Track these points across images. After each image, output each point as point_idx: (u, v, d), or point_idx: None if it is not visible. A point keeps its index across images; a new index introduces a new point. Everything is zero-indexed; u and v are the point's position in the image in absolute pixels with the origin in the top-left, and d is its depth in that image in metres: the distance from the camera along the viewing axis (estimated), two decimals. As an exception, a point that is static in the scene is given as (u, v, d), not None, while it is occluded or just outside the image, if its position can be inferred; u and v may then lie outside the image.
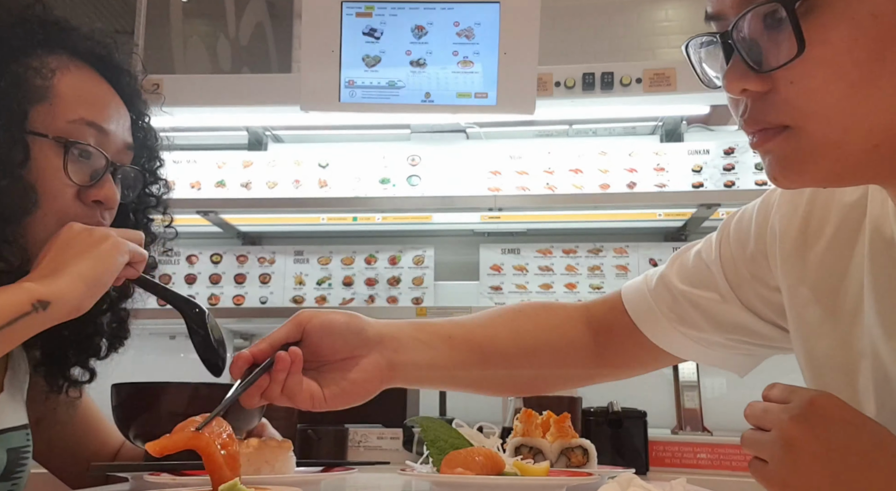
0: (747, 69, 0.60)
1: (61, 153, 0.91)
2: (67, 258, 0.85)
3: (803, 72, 0.58)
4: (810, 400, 0.60)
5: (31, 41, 0.93)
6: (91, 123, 0.94)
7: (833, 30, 0.56)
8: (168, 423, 1.00)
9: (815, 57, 0.57)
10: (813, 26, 0.56)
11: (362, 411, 0.91)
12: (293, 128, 2.66)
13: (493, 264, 2.53)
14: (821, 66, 0.57)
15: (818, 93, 0.58)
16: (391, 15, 2.10)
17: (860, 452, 0.58)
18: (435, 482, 0.94)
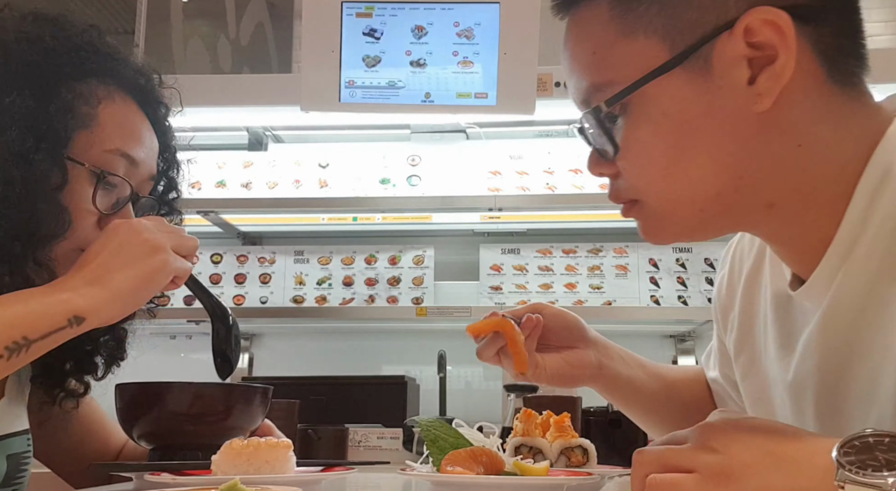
0: (599, 157, 0.75)
1: (93, 182, 0.92)
2: (115, 267, 0.84)
3: (628, 161, 0.72)
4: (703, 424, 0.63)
5: (84, 69, 0.95)
6: (125, 154, 0.96)
7: (638, 129, 0.69)
8: (172, 422, 1.00)
9: (631, 150, 0.71)
10: (626, 125, 0.70)
11: (362, 411, 0.91)
12: (293, 128, 2.66)
13: (493, 264, 2.53)
14: (638, 156, 0.71)
15: (643, 176, 0.72)
16: (391, 15, 2.10)
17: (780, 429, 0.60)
18: (435, 482, 0.94)
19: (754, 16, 0.63)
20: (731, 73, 0.65)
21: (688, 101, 0.67)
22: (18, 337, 0.76)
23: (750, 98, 0.65)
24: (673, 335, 2.59)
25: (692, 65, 0.66)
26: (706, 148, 0.68)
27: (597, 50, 0.70)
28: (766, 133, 0.67)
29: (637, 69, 0.68)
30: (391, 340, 2.65)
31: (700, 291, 2.43)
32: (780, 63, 0.64)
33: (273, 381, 1.14)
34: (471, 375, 2.63)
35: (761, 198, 0.70)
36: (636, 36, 0.68)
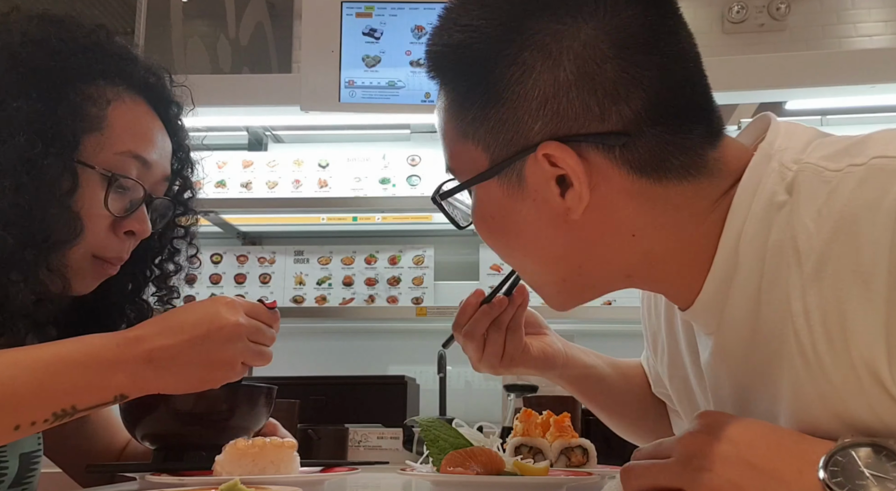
0: None
1: (105, 185, 0.91)
2: (181, 362, 0.81)
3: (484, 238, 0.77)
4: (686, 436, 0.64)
5: (92, 70, 0.93)
6: (136, 156, 0.94)
7: (477, 220, 0.76)
8: (176, 423, 1.00)
9: (481, 234, 0.77)
10: (473, 210, 0.76)
11: (362, 411, 0.91)
12: (293, 128, 2.66)
13: (492, 264, 2.53)
14: (487, 241, 0.77)
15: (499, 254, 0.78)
16: (391, 15, 2.10)
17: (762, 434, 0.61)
18: (435, 482, 0.94)
19: (549, 147, 0.67)
20: (542, 189, 0.69)
21: (507, 208, 0.72)
22: (68, 406, 0.78)
23: (563, 209, 0.69)
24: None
25: (508, 177, 0.70)
26: (534, 249, 0.73)
27: (445, 134, 0.75)
28: (590, 233, 0.70)
29: (468, 170, 0.73)
30: (391, 340, 2.65)
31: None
32: (576, 187, 0.67)
33: (273, 381, 1.14)
34: (471, 375, 2.63)
35: (613, 274, 0.73)
36: (467, 140, 0.72)
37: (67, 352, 0.79)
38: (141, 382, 0.81)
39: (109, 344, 0.80)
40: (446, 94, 0.73)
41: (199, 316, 0.84)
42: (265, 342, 0.90)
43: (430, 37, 0.73)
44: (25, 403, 0.75)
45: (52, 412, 0.77)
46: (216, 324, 0.83)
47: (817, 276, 0.61)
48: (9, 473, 0.93)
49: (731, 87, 2.14)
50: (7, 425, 0.75)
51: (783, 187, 0.65)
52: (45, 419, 0.77)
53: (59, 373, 0.77)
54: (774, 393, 0.67)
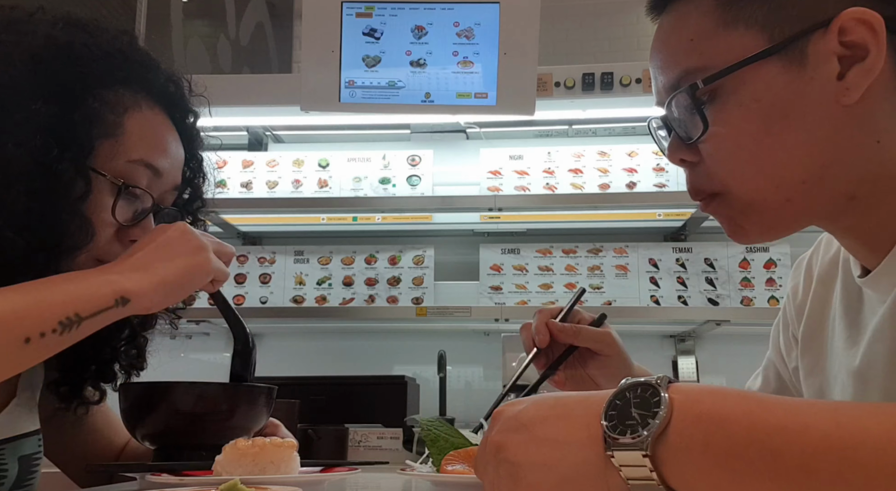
0: (681, 143, 0.77)
1: (114, 193, 0.91)
2: (160, 258, 0.86)
3: (715, 145, 0.74)
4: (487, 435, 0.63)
5: (113, 77, 0.93)
6: (149, 165, 0.94)
7: (729, 112, 0.72)
8: (177, 423, 1.00)
9: (719, 133, 0.73)
10: (715, 110, 0.73)
11: (362, 411, 0.91)
12: (293, 128, 2.66)
13: (493, 264, 2.53)
14: (725, 140, 0.73)
15: (728, 162, 0.74)
16: (391, 15, 2.10)
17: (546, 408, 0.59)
18: (435, 482, 0.94)
19: (849, 15, 0.68)
20: (823, 67, 0.70)
21: (780, 88, 0.71)
22: (71, 313, 0.78)
23: (839, 91, 0.70)
24: (673, 335, 2.59)
25: (788, 55, 0.70)
26: (794, 133, 0.71)
27: (694, 37, 0.74)
28: (849, 126, 0.71)
29: (734, 56, 0.72)
30: (391, 340, 2.65)
31: (700, 291, 2.43)
32: (870, 60, 0.68)
33: (273, 381, 1.14)
34: (471, 375, 2.64)
35: (843, 189, 0.73)
36: (737, 26, 0.72)
37: (62, 274, 0.82)
38: (137, 283, 0.83)
39: (95, 268, 0.85)
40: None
41: (154, 232, 0.90)
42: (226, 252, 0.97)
43: None
44: (30, 315, 0.75)
45: (57, 321, 0.77)
46: (179, 227, 0.91)
47: None
48: (9, 476, 0.93)
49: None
50: (16, 338, 0.74)
51: None
52: (53, 329, 0.76)
53: (57, 285, 0.79)
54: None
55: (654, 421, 0.53)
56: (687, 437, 0.52)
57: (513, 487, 0.58)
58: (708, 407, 0.53)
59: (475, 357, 2.61)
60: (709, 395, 0.54)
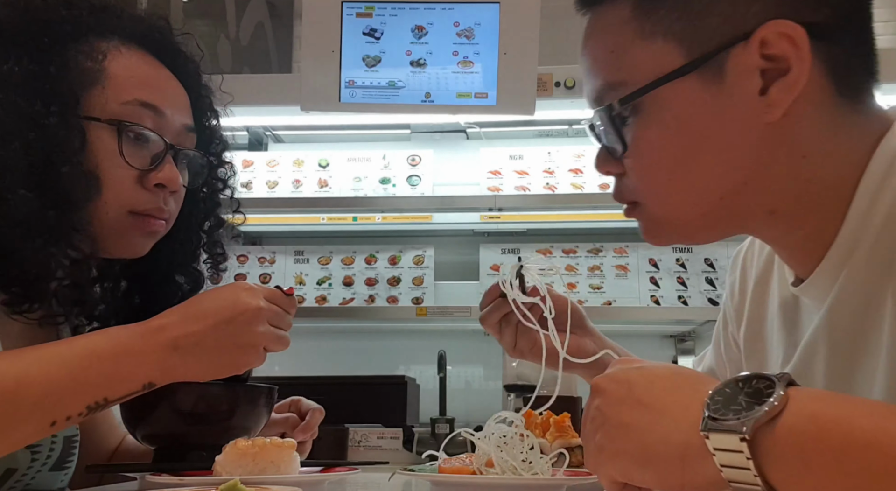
0: (607, 154, 0.76)
1: (116, 136, 0.89)
2: (206, 347, 0.83)
3: (636, 161, 0.73)
4: (610, 365, 0.65)
5: (80, 26, 0.91)
6: (146, 105, 0.92)
7: (648, 130, 0.71)
8: (176, 423, 1.00)
9: (639, 150, 0.72)
10: (636, 126, 0.71)
11: (362, 411, 0.91)
12: (293, 128, 2.66)
13: (493, 264, 2.53)
14: (646, 157, 0.72)
15: (648, 177, 0.73)
16: (391, 15, 2.10)
17: (661, 379, 0.60)
18: (435, 482, 0.94)
19: (771, 28, 0.65)
20: (744, 83, 0.67)
21: (699, 105, 0.68)
22: (100, 398, 0.79)
23: (761, 108, 0.67)
24: (673, 335, 2.59)
25: (707, 71, 0.68)
26: (713, 152, 0.69)
27: (614, 49, 0.72)
28: (772, 143, 0.68)
29: (652, 71, 0.69)
30: (391, 340, 2.65)
31: (700, 291, 2.43)
32: (792, 75, 0.66)
33: (273, 381, 1.14)
34: (471, 375, 2.64)
35: (763, 204, 0.71)
36: (655, 39, 0.69)
37: (96, 345, 0.80)
38: (168, 370, 0.82)
39: (134, 335, 0.81)
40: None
41: (220, 301, 0.85)
42: (284, 327, 0.91)
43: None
44: (62, 399, 0.76)
45: (85, 406, 0.78)
46: (238, 308, 0.85)
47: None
48: (54, 453, 0.93)
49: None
50: (45, 422, 0.75)
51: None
52: (80, 413, 0.78)
53: (91, 367, 0.78)
54: (871, 372, 0.67)
55: (761, 408, 0.51)
56: (798, 432, 0.50)
57: (596, 434, 0.60)
58: (828, 406, 0.51)
59: (475, 357, 2.61)
60: (830, 395, 0.53)
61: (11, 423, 0.74)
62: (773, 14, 0.66)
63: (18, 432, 0.75)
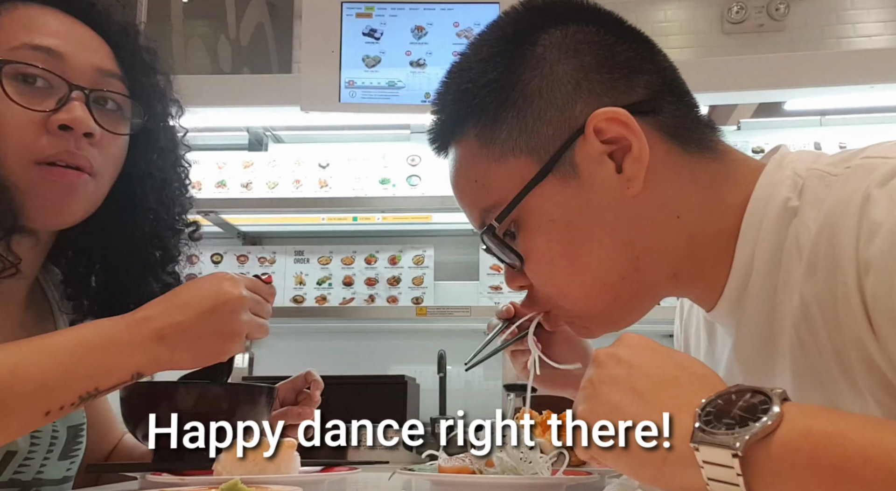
0: (512, 271, 0.78)
1: None
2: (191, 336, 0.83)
3: (534, 269, 0.76)
4: (620, 337, 0.67)
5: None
6: (37, 47, 0.86)
7: (532, 238, 0.74)
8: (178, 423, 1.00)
9: (533, 258, 0.75)
10: (522, 238, 0.75)
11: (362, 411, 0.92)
12: (293, 128, 2.66)
13: (493, 264, 2.53)
14: (540, 262, 0.75)
15: (549, 282, 0.76)
16: (391, 15, 2.10)
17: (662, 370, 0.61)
18: (435, 482, 0.95)
19: (598, 118, 0.71)
20: (597, 170, 0.72)
21: (566, 202, 0.73)
22: (91, 388, 0.79)
23: (622, 185, 0.72)
24: (671, 335, 2.59)
25: (560, 170, 0.72)
26: (597, 238, 0.73)
27: (477, 178, 0.77)
28: (645, 212, 0.73)
29: (514, 186, 0.74)
30: (391, 340, 2.66)
31: (700, 291, 2.43)
32: (635, 148, 0.71)
33: (273, 380, 1.14)
34: (471, 375, 2.64)
35: (663, 270, 0.75)
36: (506, 158, 0.74)
37: (85, 337, 0.80)
38: (155, 359, 0.83)
39: (121, 326, 0.82)
40: (474, 128, 0.76)
41: (203, 291, 0.85)
42: (263, 315, 0.92)
43: (445, 88, 0.80)
44: (54, 390, 0.77)
45: (78, 396, 0.79)
46: (221, 298, 0.85)
47: (811, 268, 0.65)
48: (58, 442, 0.94)
49: (731, 87, 2.14)
50: (39, 411, 0.76)
51: (795, 193, 0.69)
52: (72, 403, 0.79)
53: (82, 357, 0.79)
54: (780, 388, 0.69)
55: (755, 424, 0.52)
56: (792, 449, 0.51)
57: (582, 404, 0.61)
58: (822, 423, 0.52)
59: (475, 357, 2.61)
60: (822, 410, 0.54)
61: (7, 413, 0.75)
62: (595, 106, 0.71)
63: (15, 422, 0.76)
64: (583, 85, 0.72)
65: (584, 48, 0.73)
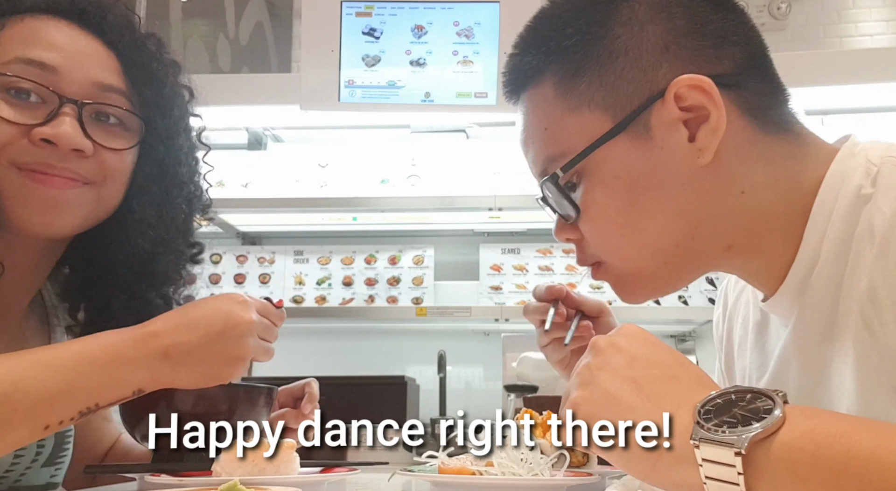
0: (564, 222, 0.80)
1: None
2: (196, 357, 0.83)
3: (589, 224, 0.77)
4: (619, 327, 0.68)
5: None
6: (30, 61, 0.85)
7: (594, 192, 0.75)
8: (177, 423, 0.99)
9: (590, 212, 0.76)
10: (583, 191, 0.76)
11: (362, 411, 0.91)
12: (293, 128, 2.66)
13: (493, 264, 2.53)
14: (597, 217, 0.76)
15: (602, 238, 0.77)
16: (391, 15, 2.10)
17: (662, 365, 0.61)
18: (435, 482, 0.94)
19: (681, 83, 0.71)
20: (671, 135, 0.72)
21: (634, 162, 0.73)
22: (92, 404, 0.79)
23: (692, 154, 0.72)
24: (673, 335, 2.59)
25: (634, 130, 0.73)
26: (658, 203, 0.74)
27: (547, 126, 0.77)
28: (710, 184, 0.73)
29: (585, 139, 0.74)
30: (391, 340, 2.65)
31: (700, 291, 2.43)
32: (713, 119, 0.71)
33: (273, 381, 1.14)
34: (471, 375, 2.63)
35: (718, 242, 0.75)
36: (581, 110, 0.74)
37: (90, 351, 0.80)
38: (158, 377, 0.82)
39: (127, 341, 0.81)
40: (554, 77, 0.76)
41: (214, 313, 0.85)
42: (270, 339, 0.92)
43: (529, 34, 0.79)
44: (55, 404, 0.76)
45: (77, 411, 0.78)
46: (231, 321, 0.85)
47: (882, 252, 0.65)
48: (45, 450, 0.93)
49: (732, 86, 2.14)
50: (39, 426, 0.76)
51: (869, 181, 0.69)
52: (72, 417, 0.78)
53: (85, 373, 0.78)
54: (841, 380, 0.69)
55: (757, 424, 0.52)
56: (794, 449, 0.51)
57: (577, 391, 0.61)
58: (825, 423, 0.52)
59: (475, 357, 2.61)
60: (828, 412, 0.55)
61: (7, 427, 0.74)
62: (679, 72, 0.71)
63: (13, 436, 0.76)
64: (671, 49, 0.72)
65: (678, 12, 0.73)
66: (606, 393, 0.60)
